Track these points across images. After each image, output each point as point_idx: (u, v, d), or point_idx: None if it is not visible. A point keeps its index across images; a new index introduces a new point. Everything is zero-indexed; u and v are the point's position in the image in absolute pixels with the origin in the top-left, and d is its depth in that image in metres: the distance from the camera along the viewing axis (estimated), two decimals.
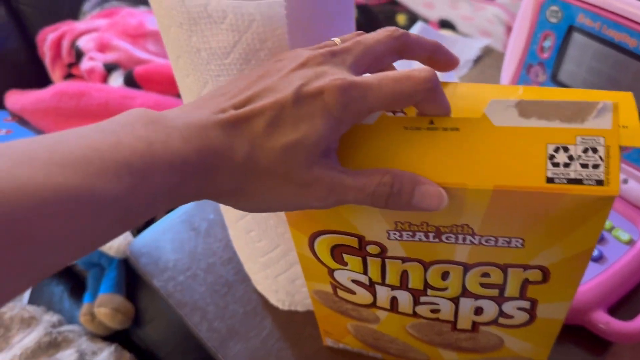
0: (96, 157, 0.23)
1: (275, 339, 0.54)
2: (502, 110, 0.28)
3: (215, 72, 0.36)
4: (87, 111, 1.00)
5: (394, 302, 0.40)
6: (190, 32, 0.35)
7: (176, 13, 0.34)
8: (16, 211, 0.21)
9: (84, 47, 1.12)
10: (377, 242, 0.34)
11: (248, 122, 0.27)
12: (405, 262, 0.35)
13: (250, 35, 0.33)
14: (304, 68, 0.29)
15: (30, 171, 0.21)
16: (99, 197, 0.23)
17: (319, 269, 0.39)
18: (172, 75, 1.01)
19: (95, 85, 1.02)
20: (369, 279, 0.38)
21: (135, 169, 0.24)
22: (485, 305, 0.37)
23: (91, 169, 0.23)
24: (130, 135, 0.25)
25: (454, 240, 0.32)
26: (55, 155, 0.22)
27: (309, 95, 0.27)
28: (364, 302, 0.41)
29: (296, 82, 0.28)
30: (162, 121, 0.26)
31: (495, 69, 0.85)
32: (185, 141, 0.26)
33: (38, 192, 0.21)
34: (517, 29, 0.61)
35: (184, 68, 0.38)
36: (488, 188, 0.28)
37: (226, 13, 0.33)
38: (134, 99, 0.98)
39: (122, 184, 0.23)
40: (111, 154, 0.23)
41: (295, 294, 0.54)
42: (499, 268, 0.34)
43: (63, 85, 1.04)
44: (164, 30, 0.38)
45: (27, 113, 1.07)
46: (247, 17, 0.32)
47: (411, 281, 0.37)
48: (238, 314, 0.56)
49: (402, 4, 1.43)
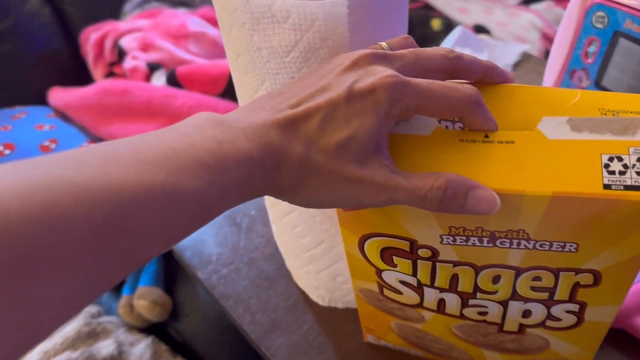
0: (174, 155, 0.25)
1: (316, 333, 0.55)
2: (554, 126, 0.30)
3: (274, 71, 0.37)
4: (130, 109, 1.03)
5: (441, 304, 0.40)
6: (252, 31, 0.36)
7: (240, 13, 0.36)
8: (113, 206, 0.22)
9: (127, 47, 1.15)
10: (429, 246, 0.35)
11: (303, 120, 0.29)
12: (456, 266, 0.36)
13: (311, 34, 0.34)
14: (356, 67, 0.30)
15: (121, 169, 0.23)
16: (182, 192, 0.25)
17: (366, 268, 0.40)
18: (213, 76, 1.03)
19: (138, 84, 1.05)
20: (417, 281, 0.38)
21: (210, 166, 0.26)
22: (533, 308, 0.38)
23: (172, 167, 0.25)
24: (202, 136, 0.27)
25: (508, 245, 0.33)
26: (139, 155, 0.24)
27: (361, 92, 0.29)
28: (410, 302, 0.42)
29: (348, 81, 0.29)
30: (227, 123, 0.28)
31: (534, 74, 0.85)
32: (250, 140, 0.28)
33: (131, 188, 0.23)
34: (560, 35, 0.62)
35: (242, 66, 0.40)
36: (547, 194, 0.29)
37: (290, 13, 0.34)
38: (176, 97, 1.00)
39: (200, 180, 0.25)
40: (187, 153, 0.25)
41: (335, 291, 0.55)
42: (550, 272, 0.34)
43: (106, 83, 1.07)
44: (225, 30, 0.39)
45: (71, 109, 1.10)
46: (309, 17, 0.34)
47: (461, 284, 0.37)
48: (280, 307, 0.57)
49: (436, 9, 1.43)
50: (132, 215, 0.23)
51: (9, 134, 1.03)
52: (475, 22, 1.35)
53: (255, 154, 0.28)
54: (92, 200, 0.22)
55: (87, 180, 0.22)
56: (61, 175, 0.22)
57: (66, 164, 0.22)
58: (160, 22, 1.17)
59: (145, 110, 1.02)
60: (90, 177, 0.22)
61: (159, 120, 1.01)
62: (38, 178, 0.21)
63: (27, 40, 1.21)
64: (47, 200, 0.21)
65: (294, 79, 0.37)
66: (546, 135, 0.30)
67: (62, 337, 0.85)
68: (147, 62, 1.11)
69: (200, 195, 0.25)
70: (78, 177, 0.22)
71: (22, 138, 1.02)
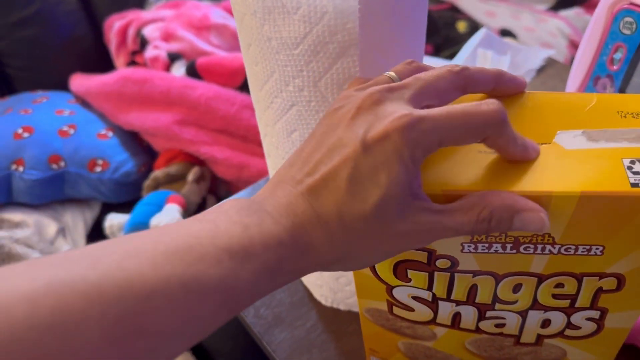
0: (197, 244, 0.24)
1: (319, 331, 0.54)
2: (571, 138, 0.30)
3: (283, 62, 0.37)
4: (149, 98, 1.03)
5: (456, 318, 0.39)
6: (263, 21, 0.36)
7: (252, 1, 0.35)
8: (126, 305, 0.21)
9: (149, 36, 1.16)
10: (448, 255, 0.34)
11: (326, 187, 0.27)
12: (476, 275, 0.35)
13: (321, 27, 0.34)
14: (362, 112, 0.28)
15: (138, 264, 0.22)
16: (203, 282, 0.23)
17: (376, 286, 0.38)
18: (232, 69, 1.03)
19: (158, 73, 1.05)
20: (432, 295, 0.37)
21: (235, 252, 0.24)
22: (553, 317, 0.37)
23: (193, 256, 0.23)
24: (227, 222, 0.25)
25: (532, 251, 0.32)
26: (159, 246, 0.23)
27: (376, 141, 0.26)
28: (422, 319, 0.40)
29: (359, 131, 0.27)
30: (253, 206, 0.27)
31: (558, 80, 0.84)
32: (277, 223, 0.26)
33: (147, 284, 0.22)
34: (586, 40, 0.60)
35: (253, 56, 0.39)
36: (575, 194, 0.28)
37: (300, 4, 0.33)
38: (194, 88, 1.00)
39: (224, 268, 0.24)
40: (210, 240, 0.24)
41: (338, 292, 0.54)
42: (574, 277, 0.33)
43: (127, 71, 1.07)
44: (238, 18, 0.39)
45: (91, 96, 1.11)
46: (320, 9, 0.33)
47: (479, 295, 0.36)
48: (285, 303, 0.57)
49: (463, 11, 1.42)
50: (147, 313, 0.22)
51: (28, 117, 1.04)
52: (502, 26, 1.33)
53: (285, 236, 0.26)
54: (105, 300, 0.21)
55: (100, 277, 0.21)
56: (75, 273, 0.21)
57: (81, 260, 0.22)
58: (183, 13, 1.17)
59: (164, 99, 1.02)
60: (105, 273, 0.21)
61: (177, 110, 1.02)
62: (50, 278, 0.20)
63: (52, 26, 1.22)
64: (56, 302, 0.20)
65: (302, 72, 0.37)
66: (564, 147, 0.30)
67: None
68: (168, 52, 1.11)
69: (224, 284, 0.24)
70: (91, 275, 0.21)
71: (41, 122, 1.03)
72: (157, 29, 1.17)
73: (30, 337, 0.19)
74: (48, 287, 0.20)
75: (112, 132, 1.07)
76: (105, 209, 1.07)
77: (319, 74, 0.37)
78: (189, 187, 1.00)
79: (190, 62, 1.07)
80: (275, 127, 0.43)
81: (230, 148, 1.01)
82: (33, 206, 1.01)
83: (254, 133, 1.01)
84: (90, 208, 1.07)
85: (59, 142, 1.01)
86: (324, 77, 0.37)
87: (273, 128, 0.43)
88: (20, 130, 1.01)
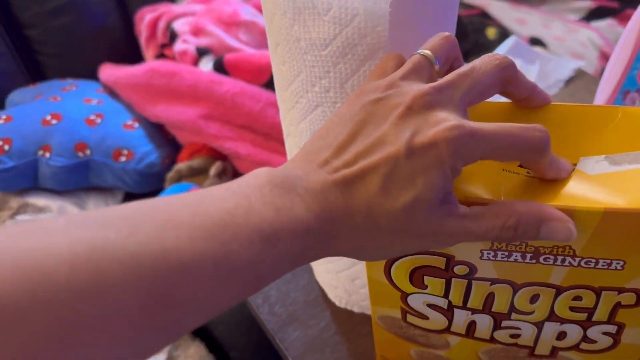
0: (231, 222, 0.24)
1: (332, 331, 0.55)
2: (593, 164, 0.30)
3: (311, 63, 0.37)
4: (176, 91, 1.04)
5: (471, 327, 0.39)
6: (292, 21, 0.36)
7: (283, 1, 0.35)
8: (162, 277, 0.22)
9: (179, 30, 1.17)
10: (467, 262, 0.34)
11: (362, 181, 0.27)
12: (494, 283, 0.35)
13: (351, 29, 0.34)
14: (412, 113, 0.28)
15: (176, 237, 0.23)
16: (234, 261, 0.24)
17: (390, 293, 0.38)
18: (259, 66, 1.04)
19: (186, 67, 1.06)
20: (448, 302, 0.37)
21: (266, 235, 0.25)
22: (569, 330, 0.36)
23: (227, 234, 0.24)
24: (260, 201, 0.26)
25: (552, 262, 0.32)
26: (196, 219, 0.24)
27: (422, 147, 0.27)
28: (436, 328, 0.40)
29: (406, 133, 0.27)
30: (286, 185, 0.27)
31: (586, 92, 0.83)
32: (308, 209, 0.26)
33: (182, 258, 0.22)
34: (617, 52, 0.59)
35: (281, 56, 0.40)
36: (598, 210, 0.28)
37: (331, 5, 0.33)
38: (221, 84, 1.01)
39: (253, 249, 0.24)
40: (244, 220, 0.25)
41: (353, 294, 0.54)
42: (592, 291, 0.33)
43: (156, 64, 1.08)
44: (268, 17, 0.39)
45: (119, 86, 1.13)
46: (350, 11, 0.33)
47: (496, 304, 0.36)
48: (299, 301, 0.57)
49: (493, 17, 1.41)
50: (180, 285, 0.22)
51: (57, 105, 1.06)
52: (532, 35, 1.32)
53: (313, 225, 0.26)
54: (142, 270, 0.21)
55: (138, 246, 0.22)
56: (113, 240, 0.21)
57: (120, 225, 0.22)
58: (213, 8, 1.18)
59: (191, 93, 1.03)
60: (142, 242, 0.22)
61: (203, 105, 1.03)
62: (90, 242, 0.21)
63: (84, 15, 1.24)
64: (96, 270, 0.20)
65: (329, 73, 0.37)
66: (587, 173, 0.30)
67: None
68: (197, 47, 1.12)
69: (251, 265, 0.25)
70: (130, 243, 0.22)
71: (69, 110, 1.05)
72: (187, 23, 1.18)
73: (69, 301, 0.20)
74: (89, 253, 0.20)
75: (138, 123, 1.09)
76: (127, 199, 1.08)
77: (346, 75, 0.37)
78: (210, 181, 1.00)
79: (218, 57, 1.08)
80: (298, 127, 0.43)
81: (253, 145, 1.02)
82: (57, 192, 1.03)
83: (278, 131, 1.01)
84: (113, 197, 1.09)
85: (86, 130, 1.03)
86: (351, 79, 0.37)
87: (297, 128, 0.44)
88: (48, 117, 1.02)
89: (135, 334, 0.22)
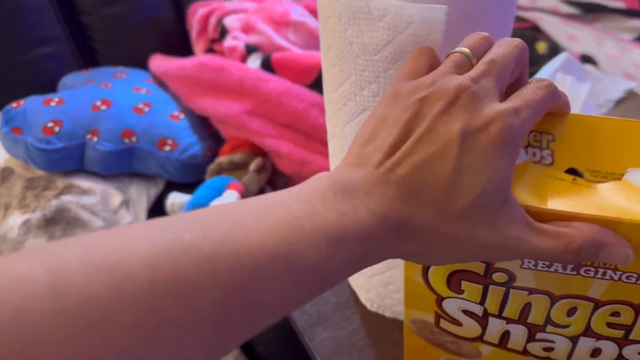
0: (297, 225, 0.25)
1: (361, 335, 0.55)
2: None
3: (362, 67, 0.38)
4: (223, 86, 1.06)
5: (505, 337, 0.38)
6: (347, 25, 0.36)
7: (339, 5, 0.36)
8: (236, 277, 0.22)
9: (230, 26, 1.19)
10: (506, 269, 0.33)
11: (421, 179, 0.27)
12: (532, 293, 0.34)
13: (404, 36, 0.34)
14: (456, 106, 0.28)
15: (246, 238, 0.23)
16: (302, 263, 0.24)
17: (426, 296, 0.38)
18: (305, 66, 1.05)
19: (234, 63, 1.08)
20: (483, 309, 0.37)
21: (331, 239, 0.25)
22: (605, 347, 0.36)
23: (294, 237, 0.24)
24: (323, 206, 0.26)
25: (593, 275, 0.32)
26: (263, 222, 0.24)
27: (477, 136, 0.27)
28: (469, 335, 0.40)
29: (455, 125, 0.27)
30: (347, 190, 0.27)
31: (637, 114, 0.81)
32: (371, 214, 0.27)
33: (254, 259, 0.23)
34: None
35: (332, 58, 0.40)
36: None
37: (386, 11, 0.34)
38: (267, 82, 1.02)
39: (320, 252, 0.25)
40: (310, 223, 0.25)
41: (385, 298, 0.55)
42: (632, 307, 0.33)
43: (205, 58, 1.10)
44: (323, 20, 0.40)
45: (168, 78, 1.15)
46: (405, 19, 0.33)
47: (532, 315, 0.36)
48: (330, 302, 0.57)
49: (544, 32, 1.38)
50: (253, 286, 0.23)
51: (107, 91, 1.09)
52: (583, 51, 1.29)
53: (376, 229, 0.27)
54: (218, 270, 0.22)
55: (213, 247, 0.22)
56: (189, 241, 0.22)
57: (194, 227, 0.23)
58: (264, 7, 1.19)
59: (237, 89, 1.04)
60: (217, 243, 0.23)
61: (248, 101, 1.04)
62: (167, 244, 0.22)
63: (139, 5, 1.27)
64: (175, 269, 0.21)
65: (379, 78, 0.37)
66: (634, 184, 0.30)
67: None
68: (246, 44, 1.13)
69: (319, 268, 0.25)
70: (205, 244, 0.22)
71: (119, 97, 1.08)
72: (237, 19, 1.20)
73: (151, 300, 0.20)
74: (167, 253, 0.21)
75: (183, 115, 1.11)
76: (168, 187, 1.10)
77: None
78: (250, 176, 1.02)
79: (266, 55, 1.09)
80: (344, 129, 0.44)
81: (295, 144, 1.03)
82: (101, 176, 1.06)
83: (319, 132, 1.02)
84: (155, 184, 1.11)
85: (134, 118, 1.05)
86: None
87: (342, 129, 0.44)
88: (98, 102, 1.05)
89: (213, 333, 0.22)
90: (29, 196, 0.98)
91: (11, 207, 0.98)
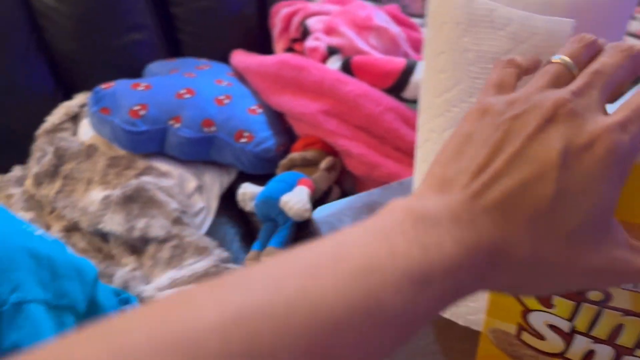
0: (376, 267, 0.22)
1: (430, 340, 0.55)
2: None
3: (475, 75, 0.38)
4: (302, 85, 1.08)
5: (588, 356, 0.37)
6: (464, 32, 0.37)
7: (459, 12, 0.37)
8: (315, 334, 0.21)
9: (312, 27, 1.21)
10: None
11: (516, 202, 0.24)
12: (626, 315, 0.33)
13: (526, 46, 0.35)
14: (557, 124, 0.25)
15: (321, 287, 0.21)
16: (384, 310, 0.22)
17: (512, 307, 0.37)
18: (385, 71, 1.06)
19: (314, 63, 1.10)
20: (571, 327, 0.36)
21: (415, 278, 0.23)
22: None
23: (373, 282, 0.22)
24: (403, 240, 0.23)
25: None
26: (339, 265, 0.22)
27: (579, 156, 0.24)
28: (551, 351, 0.38)
29: (557, 144, 0.24)
30: (428, 218, 0.24)
31: None
32: (458, 244, 0.24)
33: (333, 312, 0.21)
34: None
35: (441, 64, 0.41)
36: None
37: (510, 21, 0.34)
38: (346, 83, 1.04)
39: (404, 295, 0.22)
40: (390, 264, 0.23)
41: (461, 305, 0.54)
42: None
43: (287, 56, 1.13)
44: (435, 26, 0.40)
45: (249, 73, 1.18)
46: (530, 29, 0.34)
47: (622, 337, 0.34)
48: None
49: None
50: (334, 343, 0.21)
51: (192, 80, 1.13)
52: None
53: (466, 261, 0.24)
54: (293, 329, 0.20)
55: (286, 304, 0.21)
56: (260, 301, 0.21)
57: (266, 283, 0.21)
58: (348, 10, 1.21)
59: (316, 89, 1.07)
60: (290, 299, 0.21)
61: (325, 101, 1.06)
62: (237, 306, 0.20)
63: (225, 1, 1.31)
64: (246, 333, 0.19)
65: None
66: None
67: (191, 270, 0.93)
68: (328, 45, 1.16)
69: (402, 311, 0.22)
70: (278, 303, 0.21)
71: (202, 87, 1.12)
72: (320, 21, 1.22)
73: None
74: (238, 318, 0.20)
75: (261, 109, 1.14)
76: (240, 177, 1.13)
77: None
78: (320, 173, 1.04)
79: (346, 58, 1.11)
80: (442, 135, 0.44)
81: (367, 146, 1.04)
82: (179, 161, 1.10)
83: (393, 136, 1.03)
84: (228, 173, 1.15)
85: (214, 108, 1.09)
86: None
87: (440, 135, 0.45)
88: (183, 90, 1.09)
89: None
90: (110, 173, 1.03)
91: (93, 182, 1.03)
